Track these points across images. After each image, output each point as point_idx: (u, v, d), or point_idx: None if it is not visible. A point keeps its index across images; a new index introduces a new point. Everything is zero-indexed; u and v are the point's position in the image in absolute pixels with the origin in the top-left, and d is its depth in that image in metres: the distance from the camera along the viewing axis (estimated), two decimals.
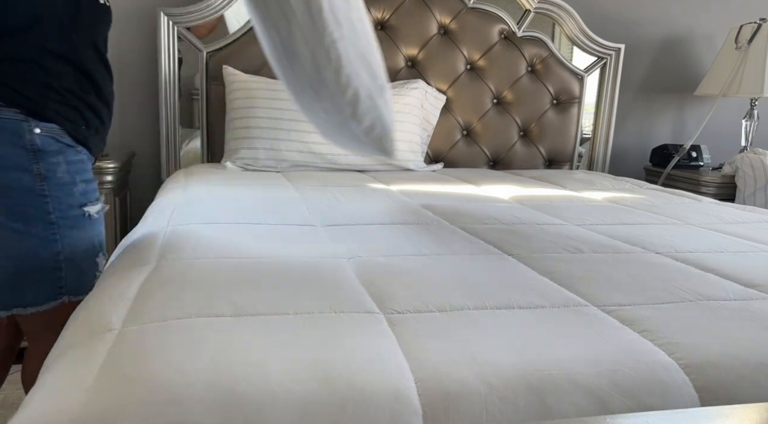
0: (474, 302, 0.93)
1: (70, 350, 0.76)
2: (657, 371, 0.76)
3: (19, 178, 1.06)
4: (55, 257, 1.11)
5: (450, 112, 2.50)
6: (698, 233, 1.49)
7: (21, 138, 1.06)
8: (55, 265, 1.12)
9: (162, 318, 0.80)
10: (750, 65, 2.61)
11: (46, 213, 1.09)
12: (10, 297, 1.11)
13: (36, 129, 1.07)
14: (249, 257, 1.10)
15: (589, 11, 2.66)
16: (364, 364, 0.72)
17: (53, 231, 1.10)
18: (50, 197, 1.09)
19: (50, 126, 1.09)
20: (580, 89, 2.62)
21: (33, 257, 1.09)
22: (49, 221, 1.09)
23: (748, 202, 2.48)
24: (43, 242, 1.09)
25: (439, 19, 2.44)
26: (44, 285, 1.12)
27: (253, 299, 0.89)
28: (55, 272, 1.12)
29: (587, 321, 0.88)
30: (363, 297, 0.93)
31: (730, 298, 1.01)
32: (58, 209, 1.10)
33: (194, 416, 0.62)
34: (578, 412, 0.70)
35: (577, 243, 1.32)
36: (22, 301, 1.12)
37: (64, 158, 1.11)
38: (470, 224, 1.49)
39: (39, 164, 1.07)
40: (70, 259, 1.13)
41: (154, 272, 1.00)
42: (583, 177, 2.34)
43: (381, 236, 1.30)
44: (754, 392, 0.76)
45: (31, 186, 1.07)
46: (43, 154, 1.08)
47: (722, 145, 2.95)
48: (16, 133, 1.05)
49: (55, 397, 0.65)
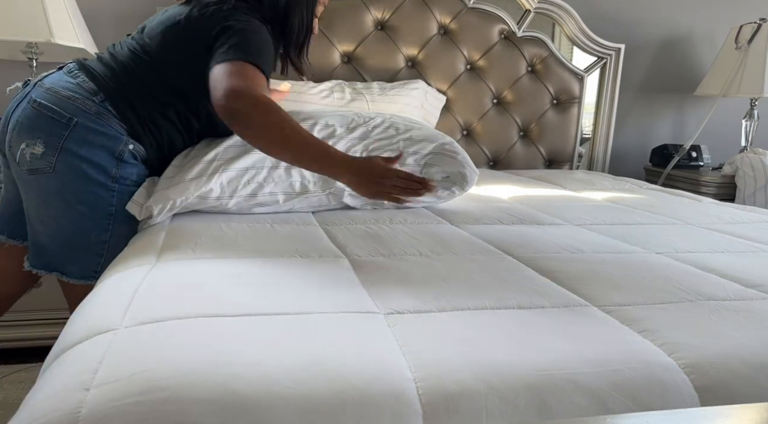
0: (474, 302, 0.93)
1: (70, 350, 0.76)
2: (657, 371, 0.76)
3: (98, 176, 1.29)
4: (102, 244, 1.32)
5: (450, 112, 2.50)
6: (698, 233, 1.49)
7: (115, 147, 1.30)
8: (99, 250, 1.32)
9: (162, 318, 0.80)
10: (750, 65, 2.61)
11: (109, 205, 1.31)
12: (56, 262, 1.33)
13: (130, 145, 1.32)
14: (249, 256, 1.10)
15: (589, 11, 2.66)
16: (364, 364, 0.72)
17: (109, 221, 1.31)
18: (117, 195, 1.31)
19: (139, 148, 1.35)
20: (580, 89, 2.62)
21: (85, 237, 1.31)
22: (109, 213, 1.31)
23: (748, 202, 2.48)
24: (98, 227, 1.31)
25: (439, 19, 2.44)
26: (86, 263, 1.32)
27: (253, 299, 0.89)
28: (98, 257, 1.32)
29: (587, 321, 0.88)
30: (363, 297, 0.93)
31: (730, 298, 1.01)
32: (119, 204, 1.32)
33: (194, 416, 0.62)
34: (578, 412, 0.70)
35: (577, 243, 1.32)
36: (63, 269, 1.33)
37: (137, 171, 1.35)
38: (470, 223, 1.49)
39: (118, 170, 1.31)
40: (114, 248, 1.29)
41: (154, 272, 1.00)
42: (583, 177, 2.34)
43: (381, 236, 1.30)
44: (754, 392, 0.76)
45: (105, 182, 1.29)
46: (124, 163, 1.32)
47: (722, 145, 2.95)
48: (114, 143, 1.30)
49: (55, 397, 0.65)
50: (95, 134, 1.27)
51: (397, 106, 2.23)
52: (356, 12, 2.35)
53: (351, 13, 2.35)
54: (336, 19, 2.33)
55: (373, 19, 2.38)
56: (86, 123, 1.26)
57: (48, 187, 1.28)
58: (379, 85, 2.30)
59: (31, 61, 2.02)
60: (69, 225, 1.30)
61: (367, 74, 2.38)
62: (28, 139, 1.26)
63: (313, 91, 2.18)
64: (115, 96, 1.30)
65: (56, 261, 1.33)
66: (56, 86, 1.29)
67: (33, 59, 2.02)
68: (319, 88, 2.20)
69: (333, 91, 2.20)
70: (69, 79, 1.31)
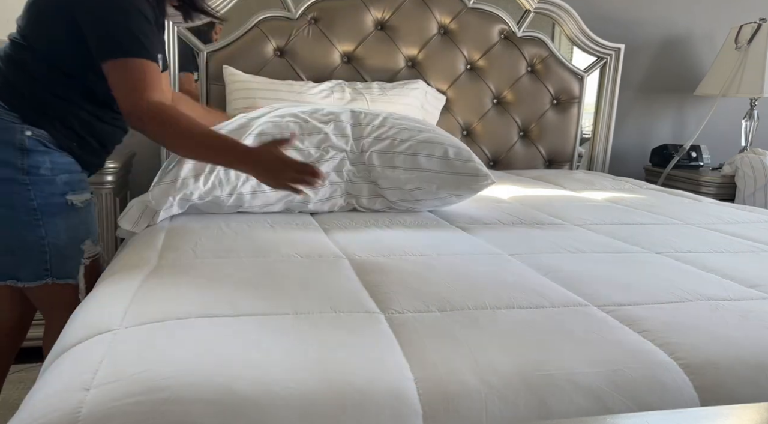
0: (474, 302, 0.93)
1: (70, 350, 0.76)
2: (657, 371, 0.76)
3: (4, 171, 1.22)
4: (40, 241, 1.26)
5: (450, 113, 2.49)
6: (698, 233, 1.49)
7: (12, 138, 1.22)
8: (40, 248, 1.26)
9: (162, 318, 0.80)
10: (750, 65, 2.60)
11: (28, 200, 1.23)
12: (5, 269, 1.28)
13: (27, 132, 1.23)
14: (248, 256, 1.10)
15: (589, 11, 2.66)
16: (364, 364, 0.72)
17: (36, 217, 1.24)
18: (32, 187, 1.23)
19: (40, 132, 1.25)
20: (580, 89, 2.62)
21: (20, 239, 1.25)
22: (32, 208, 1.24)
23: (748, 202, 2.48)
24: (27, 226, 1.24)
25: (439, 19, 2.44)
26: (32, 265, 1.27)
27: (253, 299, 0.89)
28: (41, 255, 1.27)
29: (587, 321, 0.88)
30: (363, 297, 0.93)
31: (730, 298, 1.01)
32: (39, 197, 1.24)
33: (194, 416, 0.62)
34: (578, 412, 0.70)
35: (577, 243, 1.32)
36: (15, 275, 1.28)
37: (49, 158, 1.26)
38: (470, 223, 1.49)
39: (24, 160, 1.23)
40: (54, 244, 1.27)
41: (154, 272, 1.00)
42: (583, 177, 2.34)
43: (381, 236, 1.30)
44: (754, 392, 0.76)
45: (15, 177, 1.22)
46: (29, 152, 1.23)
47: (722, 145, 2.95)
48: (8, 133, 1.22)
49: (55, 397, 0.65)
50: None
51: (397, 107, 2.23)
52: (356, 12, 2.35)
53: (351, 13, 2.35)
54: (336, 19, 2.33)
55: (373, 19, 2.38)
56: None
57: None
58: (379, 86, 2.30)
59: None
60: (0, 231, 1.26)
61: (367, 74, 2.38)
62: None
63: (313, 92, 2.18)
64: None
65: (5, 269, 1.28)
66: None
67: None
68: (319, 88, 2.21)
69: (333, 91, 2.20)
70: None
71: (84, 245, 1.33)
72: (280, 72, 2.28)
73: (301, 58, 2.32)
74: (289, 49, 2.31)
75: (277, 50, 2.31)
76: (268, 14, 2.28)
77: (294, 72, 2.31)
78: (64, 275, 1.29)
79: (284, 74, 2.29)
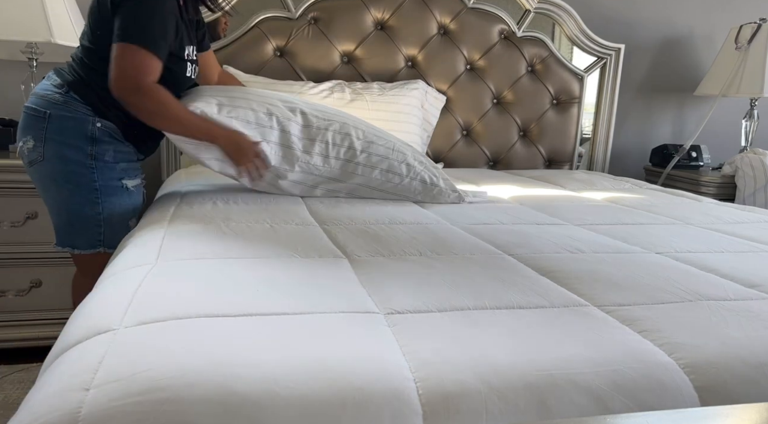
0: (474, 302, 0.93)
1: (70, 350, 0.76)
2: (657, 371, 0.76)
3: (76, 155, 1.46)
4: (97, 216, 1.50)
5: (450, 112, 2.50)
6: (698, 233, 1.49)
7: (85, 128, 1.47)
8: (96, 222, 1.51)
9: (162, 318, 0.80)
10: (750, 65, 2.61)
11: (92, 181, 1.48)
12: (66, 238, 1.54)
13: (98, 123, 1.48)
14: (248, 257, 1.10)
15: (589, 11, 2.66)
16: (364, 364, 0.72)
17: (96, 196, 1.49)
18: (96, 171, 1.48)
19: (109, 124, 1.49)
20: (580, 89, 2.62)
21: (80, 213, 1.50)
22: (94, 188, 1.49)
23: (748, 202, 2.48)
24: (88, 202, 1.49)
25: (439, 19, 2.44)
26: (89, 235, 1.52)
27: (253, 299, 0.89)
28: (97, 227, 1.51)
29: (587, 321, 0.88)
30: (363, 297, 0.93)
31: (730, 298, 1.01)
32: (101, 179, 1.49)
33: (194, 416, 0.62)
34: (578, 412, 0.70)
35: (577, 243, 1.32)
36: (73, 243, 1.53)
37: (113, 148, 1.51)
38: (470, 223, 1.49)
39: (93, 147, 1.47)
40: (108, 219, 1.51)
41: (154, 272, 1.00)
42: (583, 177, 2.34)
43: (381, 236, 1.30)
44: (754, 392, 0.76)
45: (83, 161, 1.46)
46: (98, 142, 1.48)
47: (722, 145, 2.95)
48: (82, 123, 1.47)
49: (55, 397, 0.65)
50: (67, 120, 1.45)
51: (397, 107, 2.23)
52: (356, 12, 2.35)
53: (351, 13, 2.35)
54: (336, 19, 2.33)
55: (373, 19, 2.38)
56: (58, 112, 1.45)
57: (43, 175, 1.49)
58: (379, 86, 2.30)
59: (31, 61, 2.02)
60: (64, 204, 1.50)
61: (367, 74, 2.38)
62: (23, 137, 1.48)
63: (313, 91, 2.18)
64: (75, 84, 1.47)
65: (66, 238, 1.53)
66: (38, 90, 1.50)
67: (33, 59, 2.02)
68: (319, 88, 2.21)
69: (333, 91, 2.20)
70: (46, 82, 1.51)
71: (131, 221, 1.56)
72: (280, 72, 2.29)
73: (301, 58, 2.32)
74: (289, 49, 2.31)
75: (277, 50, 2.31)
76: (268, 14, 2.28)
77: (294, 72, 2.31)
78: (113, 245, 1.46)
79: (284, 74, 2.29)
